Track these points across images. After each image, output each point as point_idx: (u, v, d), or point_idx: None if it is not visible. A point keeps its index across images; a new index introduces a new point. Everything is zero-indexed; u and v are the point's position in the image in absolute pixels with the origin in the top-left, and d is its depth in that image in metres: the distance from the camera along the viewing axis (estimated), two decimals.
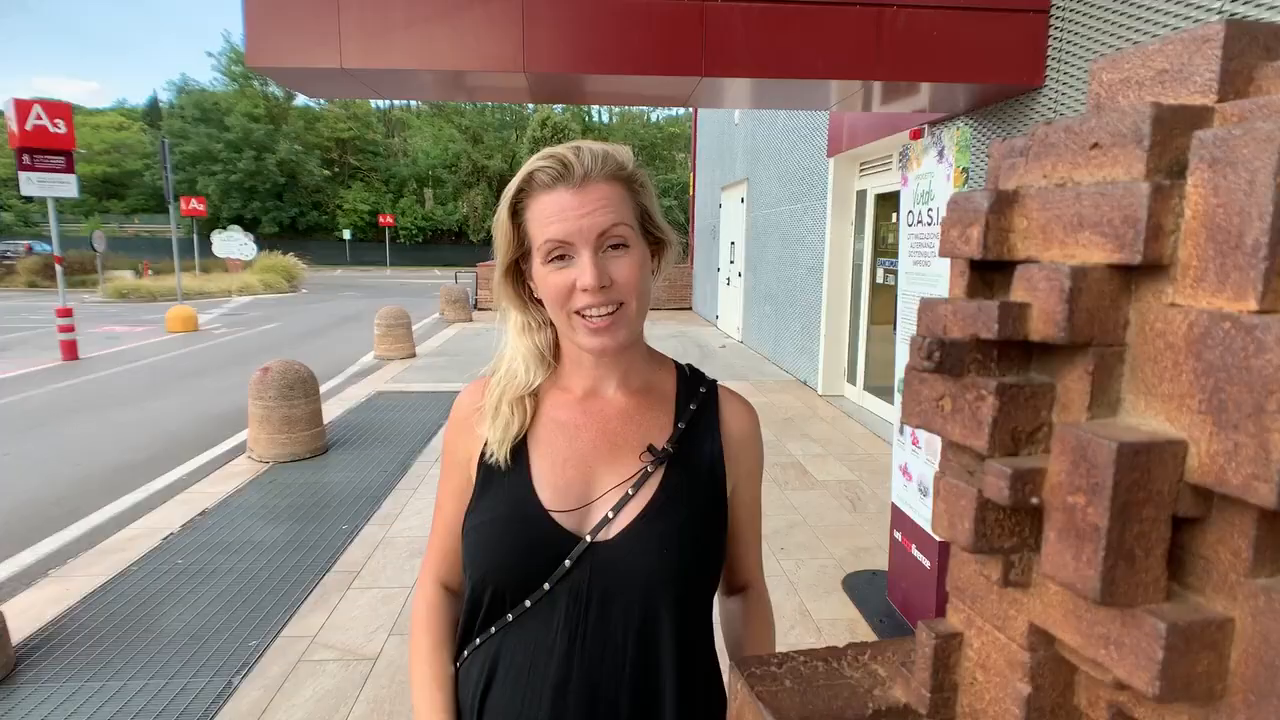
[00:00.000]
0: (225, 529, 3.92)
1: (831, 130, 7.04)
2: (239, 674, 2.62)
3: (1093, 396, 0.22)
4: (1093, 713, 0.24)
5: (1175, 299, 0.20)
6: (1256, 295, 0.18)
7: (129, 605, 3.10)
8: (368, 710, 2.43)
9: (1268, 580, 0.19)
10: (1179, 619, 0.20)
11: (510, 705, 0.84)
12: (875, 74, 3.74)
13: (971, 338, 0.23)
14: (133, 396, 7.61)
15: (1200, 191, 0.20)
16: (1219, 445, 0.19)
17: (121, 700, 2.46)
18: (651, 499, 0.85)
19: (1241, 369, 0.18)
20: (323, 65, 3.53)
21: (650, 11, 3.58)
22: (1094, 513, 0.20)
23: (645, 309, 0.86)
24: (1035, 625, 0.24)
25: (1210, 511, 0.20)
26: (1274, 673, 0.19)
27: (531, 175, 0.82)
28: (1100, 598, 0.20)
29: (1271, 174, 0.18)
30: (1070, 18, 3.57)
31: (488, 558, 0.86)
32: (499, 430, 0.87)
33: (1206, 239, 0.19)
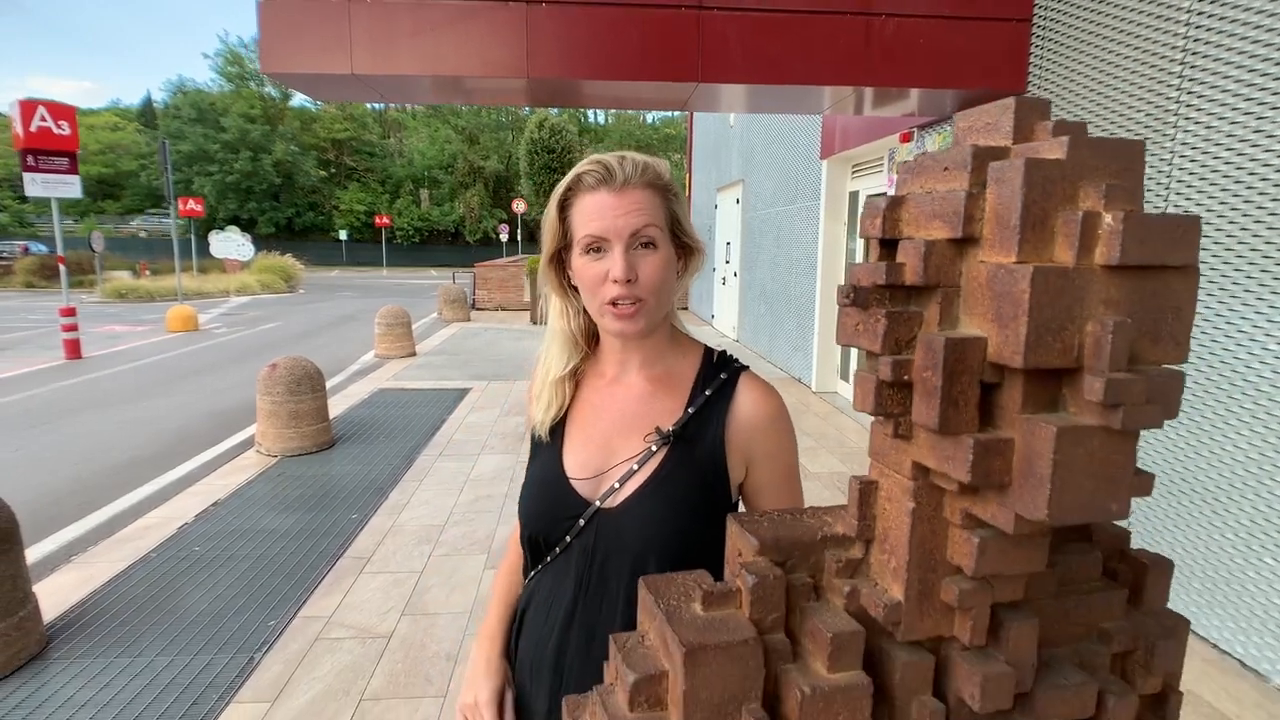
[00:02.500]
0: (238, 518, 4.05)
1: (824, 133, 7.20)
2: (260, 650, 2.76)
3: (941, 317, 0.36)
4: (953, 518, 0.39)
5: (981, 258, 0.35)
6: (1015, 253, 0.33)
7: (150, 589, 3.23)
8: (384, 682, 2.57)
9: (1029, 415, 0.34)
10: (981, 438, 0.34)
11: (536, 626, 1.03)
12: (865, 80, 3.89)
13: (873, 284, 0.38)
14: (138, 394, 7.73)
15: (992, 196, 0.34)
16: (999, 338, 0.33)
17: (150, 674, 2.60)
18: (651, 474, 0.96)
19: (1008, 294, 0.33)
20: (334, 71, 3.67)
21: (648, 20, 3.73)
22: (935, 380, 0.35)
23: (666, 304, 0.98)
24: (915, 462, 0.39)
25: (1002, 378, 0.35)
26: (1031, 467, 0.34)
27: (580, 177, 0.95)
28: (940, 429, 0.35)
29: (1019, 187, 0.32)
30: (1050, 26, 3.73)
31: (527, 514, 1.04)
32: (541, 411, 1.04)
33: (995, 223, 0.34)
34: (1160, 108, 3.04)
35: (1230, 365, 2.73)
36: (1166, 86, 3.00)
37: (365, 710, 2.41)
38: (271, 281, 23.26)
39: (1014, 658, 0.40)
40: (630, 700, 0.40)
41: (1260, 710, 2.41)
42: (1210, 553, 2.81)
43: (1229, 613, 2.73)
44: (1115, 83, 3.29)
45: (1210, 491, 2.81)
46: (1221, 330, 2.77)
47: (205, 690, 2.51)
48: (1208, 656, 2.72)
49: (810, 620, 0.41)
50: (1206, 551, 2.82)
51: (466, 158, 44.18)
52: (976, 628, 0.40)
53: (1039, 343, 0.32)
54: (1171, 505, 2.99)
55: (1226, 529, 2.74)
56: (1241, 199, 2.69)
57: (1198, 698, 2.47)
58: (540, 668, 1.02)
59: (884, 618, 0.40)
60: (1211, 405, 2.80)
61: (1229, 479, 2.74)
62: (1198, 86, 2.86)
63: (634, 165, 0.94)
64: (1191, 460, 2.90)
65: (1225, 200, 2.76)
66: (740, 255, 11.24)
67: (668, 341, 1.04)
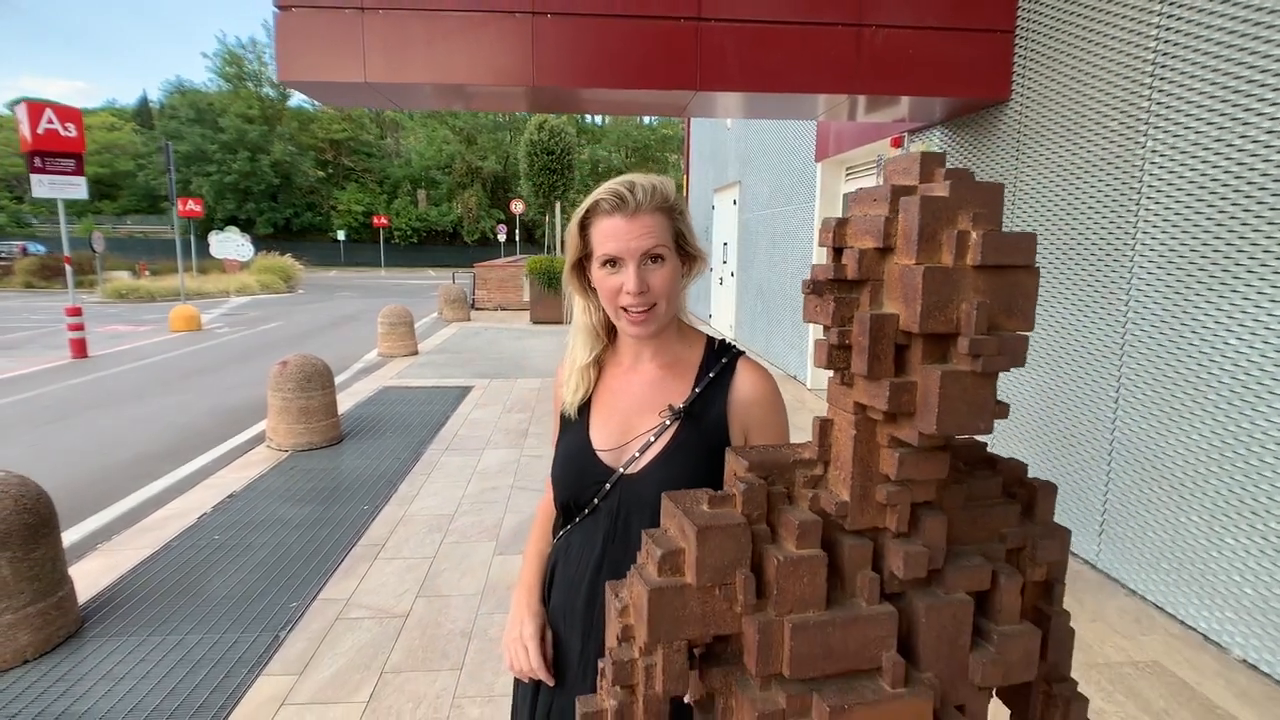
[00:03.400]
0: (254, 509, 4.21)
1: (819, 137, 7.38)
2: (285, 629, 2.93)
3: (871, 301, 0.53)
4: (882, 441, 0.56)
5: (895, 261, 0.52)
6: (914, 258, 0.50)
7: (175, 574, 3.40)
8: (403, 657, 2.74)
9: (926, 365, 0.51)
10: (896, 381, 0.51)
11: (568, 578, 1.21)
12: (856, 88, 4.07)
13: (826, 279, 0.55)
14: (146, 392, 7.88)
15: (901, 220, 0.51)
16: (906, 314, 0.50)
17: (183, 650, 2.77)
18: (666, 445, 1.13)
19: (911, 285, 0.50)
20: (348, 80, 3.83)
21: (648, 31, 3.90)
22: (865, 343, 0.52)
23: (675, 306, 1.15)
24: (855, 401, 0.55)
25: (909, 341, 0.52)
26: (927, 400, 0.50)
27: (597, 203, 1.10)
28: (869, 376, 0.52)
29: (916, 214, 0.49)
30: (1033, 37, 3.91)
31: (560, 480, 1.22)
32: (570, 394, 1.22)
33: (902, 237, 0.51)
34: (1132, 115, 3.22)
35: (1195, 359, 2.91)
36: (1138, 96, 3.18)
37: (387, 681, 2.58)
38: (271, 282, 23.38)
39: (928, 542, 0.57)
40: (659, 569, 0.56)
41: (1219, 678, 2.59)
42: (1177, 535, 2.99)
43: (1194, 590, 2.91)
44: (1092, 91, 3.47)
45: (1177, 477, 2.99)
46: (1187, 326, 2.95)
47: (235, 664, 2.68)
48: (1173, 631, 2.90)
49: (784, 515, 0.58)
50: (1174, 534, 3.00)
51: (464, 158, 44.31)
52: (900, 519, 0.57)
53: (930, 317, 0.49)
54: (1142, 491, 3.17)
55: (1192, 512, 2.92)
56: (1205, 203, 2.87)
57: (1162, 667, 2.65)
58: (573, 612, 1.19)
59: (836, 513, 0.57)
60: (1179, 396, 2.98)
61: (1194, 465, 2.92)
62: (1166, 97, 3.04)
63: (644, 192, 1.08)
64: (1159, 448, 3.08)
65: (1190, 204, 2.93)
66: (737, 255, 11.42)
67: (675, 333, 1.21)
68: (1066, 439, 3.67)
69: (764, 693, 0.58)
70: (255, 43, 45.22)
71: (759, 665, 0.56)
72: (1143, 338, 3.17)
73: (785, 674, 0.56)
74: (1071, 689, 0.69)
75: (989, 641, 0.61)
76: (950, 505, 0.62)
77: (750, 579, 0.55)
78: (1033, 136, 3.93)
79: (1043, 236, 3.84)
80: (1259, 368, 2.65)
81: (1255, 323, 2.67)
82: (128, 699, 2.46)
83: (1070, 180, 3.63)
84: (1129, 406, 3.25)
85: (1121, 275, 3.29)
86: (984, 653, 0.60)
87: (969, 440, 0.69)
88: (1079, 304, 3.56)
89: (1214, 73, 2.83)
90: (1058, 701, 0.68)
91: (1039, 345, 3.88)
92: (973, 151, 4.52)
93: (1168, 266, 3.05)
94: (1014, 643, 0.61)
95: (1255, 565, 2.66)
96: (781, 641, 0.56)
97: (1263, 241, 2.64)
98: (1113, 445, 3.35)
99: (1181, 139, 2.97)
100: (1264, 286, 2.64)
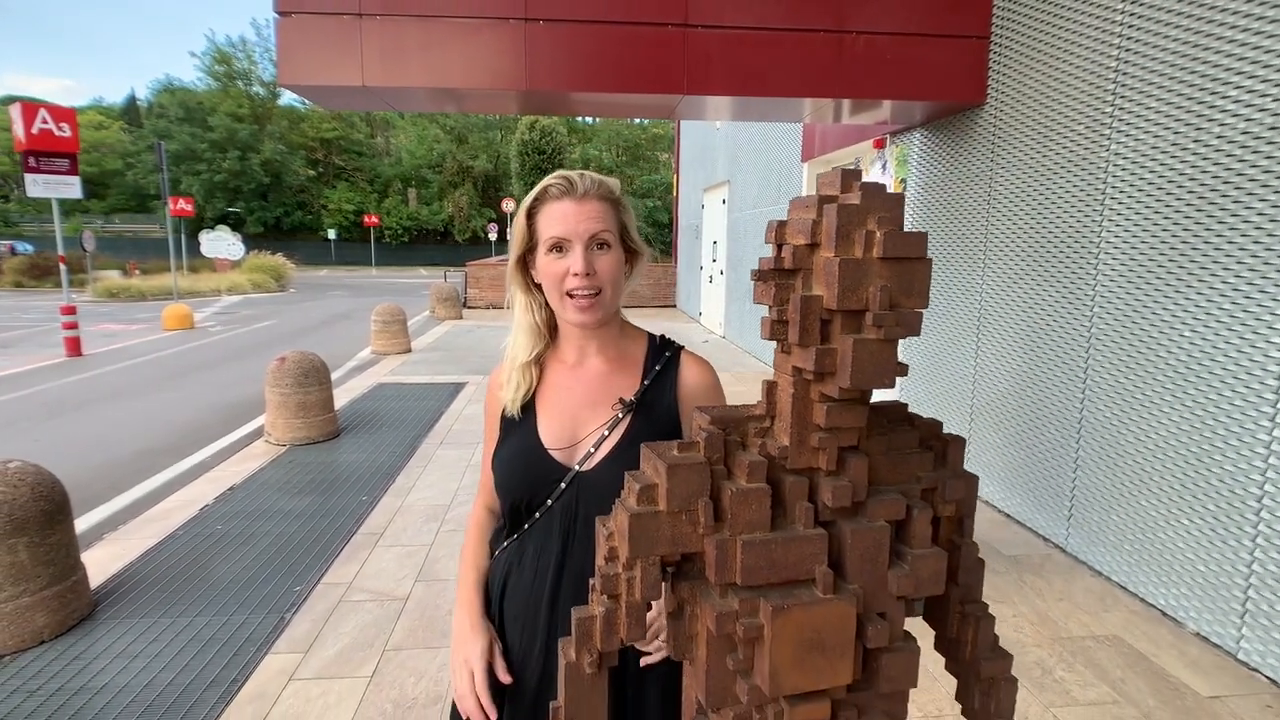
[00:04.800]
0: (255, 501, 4.33)
1: (805, 137, 7.54)
2: (289, 611, 3.06)
3: (803, 285, 0.67)
4: (814, 397, 0.71)
5: (820, 254, 0.66)
6: (834, 251, 0.64)
7: (182, 561, 3.52)
8: (404, 636, 2.87)
9: (844, 335, 0.65)
10: (821, 349, 0.65)
11: (525, 585, 1.16)
12: (837, 92, 4.22)
13: (770, 268, 0.69)
14: (142, 389, 7.97)
15: (825, 222, 0.65)
16: (828, 295, 0.64)
17: (192, 631, 2.89)
18: (621, 437, 1.13)
19: (831, 273, 0.64)
20: (346, 83, 3.96)
21: (637, 37, 4.04)
22: (797, 317, 0.66)
23: (618, 297, 1.15)
24: (793, 365, 0.70)
25: (832, 316, 0.66)
26: (844, 361, 0.65)
27: (546, 189, 1.11)
28: (801, 345, 0.66)
29: (835, 217, 0.63)
30: (1007, 43, 4.07)
31: (508, 483, 1.17)
32: (512, 391, 1.18)
33: (825, 235, 0.65)
34: (1097, 120, 3.38)
35: (1154, 350, 3.08)
36: (1102, 102, 3.35)
37: (389, 658, 2.71)
38: (262, 281, 23.38)
39: (852, 479, 0.72)
40: (637, 500, 0.71)
41: (1174, 650, 2.76)
42: (1138, 517, 3.16)
43: (1153, 569, 3.08)
44: (1061, 96, 3.64)
45: (1138, 463, 3.16)
46: (1147, 319, 3.12)
47: (244, 644, 2.81)
48: (1134, 608, 3.07)
49: (737, 457, 0.72)
50: (1135, 516, 3.17)
51: (455, 157, 44.31)
52: (829, 460, 0.71)
53: (845, 297, 0.63)
54: (1107, 477, 3.33)
55: (1151, 495, 3.09)
56: (1164, 203, 3.04)
57: (1121, 641, 2.82)
58: (533, 618, 1.15)
59: (779, 456, 0.72)
60: (1139, 385, 3.15)
61: (1153, 450, 3.09)
62: (1128, 103, 3.21)
63: (592, 180, 1.12)
64: (1122, 436, 3.25)
65: (1150, 204, 3.10)
66: (726, 254, 11.58)
67: (619, 330, 1.22)
68: (1038, 428, 3.84)
69: (722, 599, 0.72)
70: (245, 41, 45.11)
71: (717, 575, 0.71)
72: (1108, 330, 3.34)
73: (738, 583, 0.70)
74: (982, 609, 0.84)
75: (904, 561, 0.76)
76: (874, 452, 0.76)
77: (709, 506, 0.70)
78: (1007, 139, 4.09)
79: (1016, 234, 4.01)
80: (1210, 358, 2.82)
81: (1207, 315, 2.84)
82: (142, 675, 2.58)
83: (1041, 181, 3.79)
84: (1095, 397, 3.42)
85: (1088, 271, 3.46)
86: (899, 569, 0.75)
87: (894, 402, 0.84)
88: (1050, 299, 3.73)
89: (1171, 80, 2.99)
90: (970, 619, 0.84)
91: (1012, 338, 4.05)
92: (951, 153, 4.68)
93: (1129, 264, 3.21)
94: (924, 562, 0.76)
95: (1208, 544, 2.83)
96: (734, 556, 0.70)
97: (1214, 240, 2.81)
98: (1080, 434, 3.51)
99: (1142, 143, 3.14)
100: (1215, 282, 2.81)
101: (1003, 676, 0.86)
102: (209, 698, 2.47)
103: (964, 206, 4.53)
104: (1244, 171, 2.68)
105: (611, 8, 3.99)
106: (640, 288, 19.63)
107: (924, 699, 2.44)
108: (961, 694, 0.86)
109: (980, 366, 4.36)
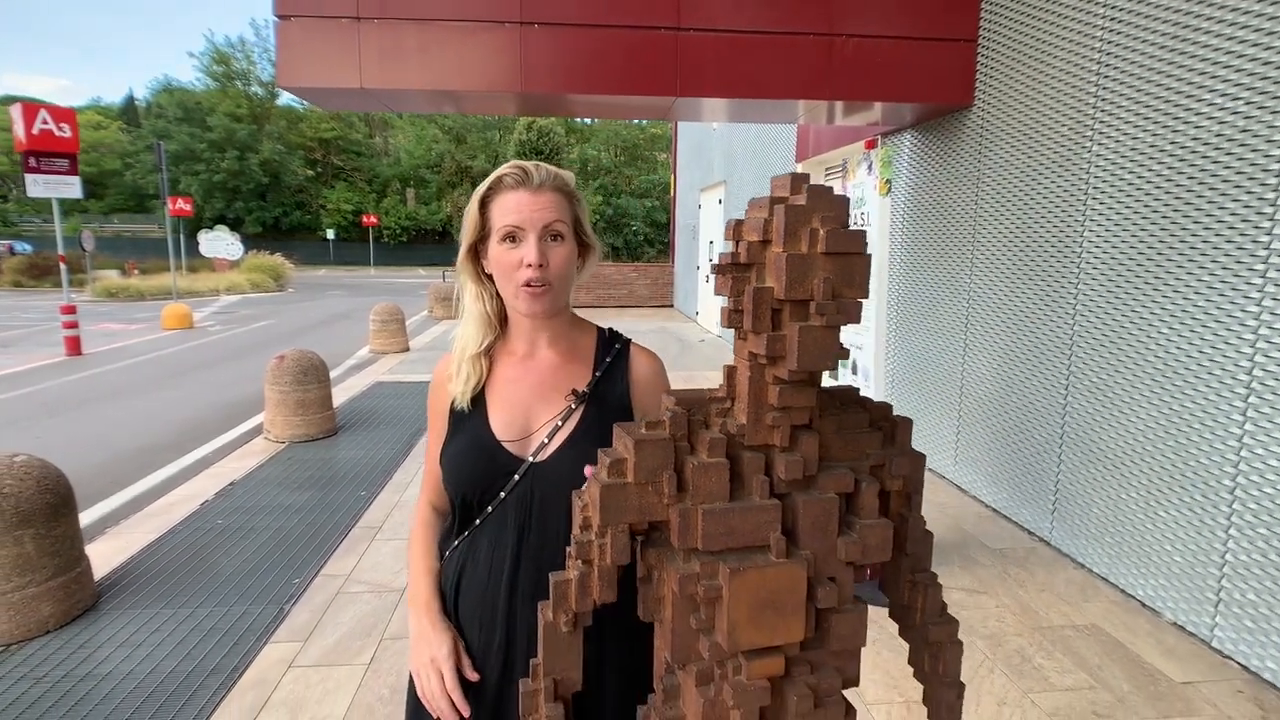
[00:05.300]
0: (255, 496, 4.40)
1: (799, 139, 7.61)
2: (289, 602, 3.13)
3: (757, 278, 0.75)
4: (768, 380, 0.78)
5: (771, 249, 0.73)
6: (782, 247, 0.71)
7: (183, 554, 3.58)
8: (401, 625, 2.94)
9: (792, 322, 0.72)
10: (772, 335, 0.73)
11: (481, 580, 1.14)
12: (828, 94, 4.29)
13: (727, 262, 0.76)
14: (142, 388, 8.03)
15: (775, 220, 0.72)
16: (778, 286, 0.71)
17: (194, 621, 2.96)
18: (575, 428, 1.13)
19: (780, 266, 0.71)
20: (345, 85, 4.03)
21: (630, 39, 4.11)
22: (750, 306, 0.73)
23: (569, 289, 1.16)
24: (749, 350, 0.77)
25: (782, 306, 0.73)
26: (792, 345, 0.72)
27: (500, 178, 1.10)
28: (754, 332, 0.73)
29: (783, 216, 0.70)
30: (994, 46, 4.15)
31: (459, 477, 1.14)
32: (461, 383, 1.16)
33: (775, 233, 0.72)
34: (1079, 122, 3.46)
35: (1134, 348, 3.16)
36: (1083, 104, 3.43)
37: (386, 646, 2.78)
38: (261, 280, 23.44)
39: (804, 454, 0.79)
40: (608, 473, 0.78)
41: (1150, 638, 2.84)
42: (1118, 510, 3.24)
43: (1133, 561, 3.15)
44: (1044, 98, 3.71)
45: (1118, 457, 3.24)
46: (1126, 318, 3.19)
47: (244, 633, 2.88)
48: (1113, 599, 3.15)
49: (700, 434, 0.79)
50: (1115, 509, 3.25)
51: (454, 157, 44.36)
52: (783, 437, 0.78)
53: (792, 288, 0.71)
54: (1089, 471, 3.41)
55: (1131, 489, 3.17)
56: (1142, 204, 3.11)
57: (1100, 630, 2.89)
58: (491, 612, 1.13)
59: (737, 433, 0.79)
60: (1120, 383, 3.23)
61: (1132, 445, 3.16)
62: (1108, 105, 3.28)
63: (547, 172, 1.12)
64: (1103, 431, 3.33)
65: (1129, 205, 3.18)
66: None
67: (569, 322, 1.22)
68: (1024, 425, 3.92)
69: (685, 564, 0.79)
70: (243, 42, 45.16)
71: (680, 541, 0.78)
72: (1089, 329, 3.41)
73: (699, 548, 0.78)
74: (930, 578, 0.92)
75: (853, 530, 0.83)
76: (825, 430, 0.83)
77: (673, 478, 0.77)
78: (993, 140, 4.17)
79: (1003, 235, 4.08)
80: (1186, 354, 2.90)
81: (1183, 313, 2.91)
82: (146, 663, 2.65)
83: (1027, 182, 3.87)
84: (1078, 394, 3.49)
85: (1071, 271, 3.53)
86: (848, 537, 0.82)
87: (846, 386, 0.91)
88: (1035, 298, 3.81)
89: (1150, 84, 3.07)
90: (919, 587, 0.91)
91: (999, 337, 4.12)
92: (940, 153, 4.76)
93: (1110, 263, 3.29)
94: (872, 531, 0.83)
95: (1184, 535, 2.90)
96: (696, 524, 0.77)
97: (1189, 240, 2.89)
98: (1064, 430, 3.59)
99: (1121, 144, 3.21)
100: (1191, 280, 2.88)
101: (949, 640, 0.93)
102: (211, 684, 2.54)
103: (952, 207, 4.61)
104: (1217, 173, 2.76)
105: (605, 11, 4.07)
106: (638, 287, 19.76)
107: (907, 685, 2.52)
108: (913, 657, 0.94)
109: (968, 365, 4.43)
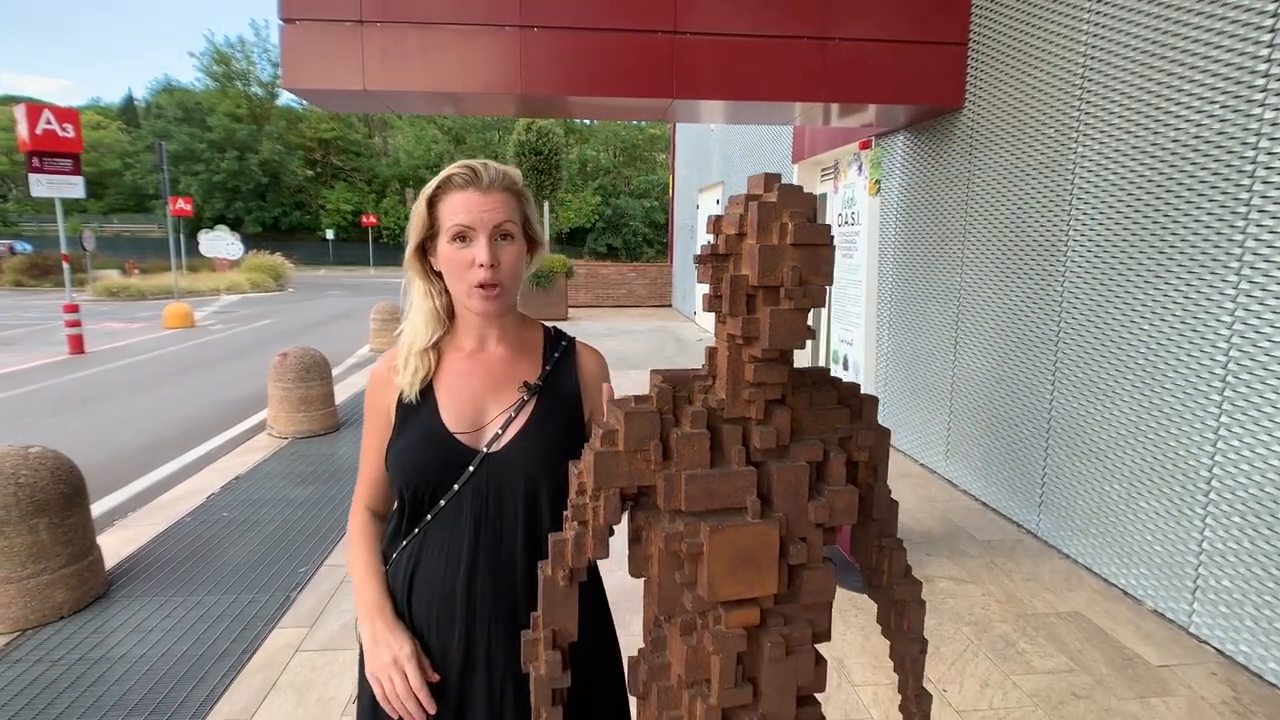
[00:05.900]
0: (260, 489, 4.49)
1: (796, 140, 7.71)
2: (295, 590, 3.21)
3: (734, 267, 0.83)
4: (745, 359, 0.87)
5: (746, 241, 0.82)
6: (756, 239, 0.80)
7: (191, 545, 3.67)
8: None
9: (765, 306, 0.81)
10: (747, 318, 0.81)
11: (435, 575, 1.12)
12: (821, 97, 4.39)
13: (708, 253, 0.85)
14: (145, 386, 8.11)
15: (750, 215, 0.81)
16: (753, 274, 0.80)
17: (203, 609, 3.05)
18: (528, 419, 1.15)
19: (754, 256, 0.80)
20: (348, 87, 4.11)
21: (628, 43, 4.20)
22: (728, 292, 0.82)
23: (519, 286, 1.18)
24: (728, 333, 0.86)
25: (756, 292, 0.82)
26: (764, 327, 0.81)
27: (449, 178, 1.10)
28: (731, 314, 0.82)
29: (756, 211, 0.79)
30: (984, 49, 4.24)
31: (411, 471, 1.13)
32: (409, 376, 1.15)
33: (749, 226, 0.81)
34: (1065, 124, 3.55)
35: (1116, 345, 3.25)
36: (1069, 106, 3.52)
37: None
38: (261, 280, 23.52)
39: (777, 426, 0.88)
40: (600, 442, 0.87)
41: (1130, 625, 2.93)
42: (1102, 502, 3.33)
43: (1115, 551, 3.24)
44: (1032, 100, 3.80)
45: (1102, 450, 3.33)
46: (1110, 314, 3.28)
47: (252, 619, 2.96)
48: (1096, 588, 3.24)
49: (683, 408, 0.88)
50: (1099, 501, 3.34)
51: (453, 157, 44.39)
52: (758, 410, 0.87)
53: (765, 275, 0.80)
54: (1074, 464, 3.50)
55: (1114, 481, 3.26)
56: (1125, 204, 3.21)
57: (1082, 617, 2.98)
58: (449, 608, 1.12)
59: (717, 407, 0.88)
60: (1104, 378, 3.32)
61: (1115, 438, 3.26)
62: (1092, 108, 3.38)
63: (496, 171, 1.12)
64: (1088, 425, 3.42)
65: (1113, 205, 3.27)
66: None
67: (518, 318, 1.24)
68: (1012, 420, 4.01)
69: (670, 524, 0.88)
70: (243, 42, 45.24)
71: (665, 503, 0.87)
72: (1075, 326, 3.51)
73: (682, 509, 0.86)
74: (896, 543, 1.01)
75: (822, 495, 0.92)
76: (798, 406, 0.92)
77: (659, 446, 0.86)
78: (983, 141, 4.26)
79: (992, 235, 4.17)
80: (1165, 350, 2.99)
81: (1163, 310, 3.00)
82: (157, 647, 2.74)
83: (1016, 183, 3.96)
84: (1064, 389, 3.58)
85: (1057, 270, 3.62)
86: (817, 501, 0.91)
87: (818, 368, 1.00)
88: (1023, 297, 3.90)
89: (1131, 88, 3.16)
90: (886, 550, 1.00)
91: (989, 334, 4.22)
92: (932, 154, 4.85)
93: (1095, 262, 3.38)
94: (839, 496, 0.91)
95: (1164, 525, 2.99)
96: (680, 488, 0.86)
97: (1168, 239, 2.98)
98: (1050, 425, 3.68)
99: (1105, 145, 3.30)
100: (1170, 278, 2.98)
101: (913, 599, 1.03)
102: (221, 667, 2.62)
103: (944, 207, 4.70)
104: (1195, 174, 2.85)
105: (603, 15, 4.16)
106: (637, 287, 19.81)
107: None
108: (880, 615, 1.03)
109: (959, 361, 4.52)
